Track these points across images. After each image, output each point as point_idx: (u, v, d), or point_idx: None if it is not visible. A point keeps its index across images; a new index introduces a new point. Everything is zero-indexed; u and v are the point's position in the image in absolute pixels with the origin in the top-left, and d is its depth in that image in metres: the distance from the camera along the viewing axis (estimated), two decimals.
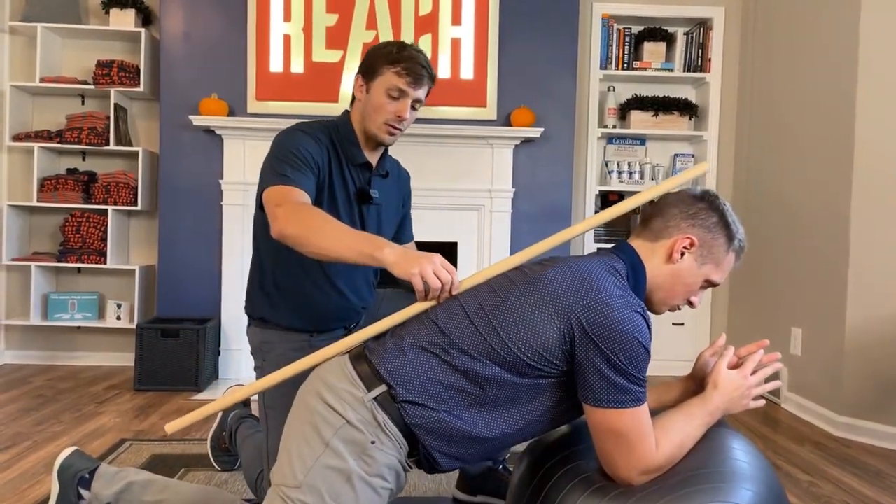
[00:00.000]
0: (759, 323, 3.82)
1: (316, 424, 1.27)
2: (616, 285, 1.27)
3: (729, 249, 1.39)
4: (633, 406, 1.21)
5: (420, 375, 1.27)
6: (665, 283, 1.38)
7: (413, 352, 1.30)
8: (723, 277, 1.41)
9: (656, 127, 4.15)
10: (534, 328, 1.25)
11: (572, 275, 1.28)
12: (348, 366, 1.32)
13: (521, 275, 1.35)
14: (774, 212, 3.69)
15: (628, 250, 1.39)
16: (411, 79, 1.72)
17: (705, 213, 1.37)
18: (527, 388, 1.28)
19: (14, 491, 2.18)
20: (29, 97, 4.04)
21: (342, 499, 1.24)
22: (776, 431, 3.08)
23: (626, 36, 4.17)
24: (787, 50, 3.64)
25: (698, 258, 1.37)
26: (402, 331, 1.36)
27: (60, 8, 3.90)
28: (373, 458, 1.25)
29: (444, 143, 3.84)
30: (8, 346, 4.04)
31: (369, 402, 1.26)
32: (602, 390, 1.21)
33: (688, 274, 1.37)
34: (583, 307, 1.22)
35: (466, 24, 3.87)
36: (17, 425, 2.86)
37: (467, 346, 1.27)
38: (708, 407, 1.32)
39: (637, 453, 1.22)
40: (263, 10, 3.77)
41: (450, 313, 1.33)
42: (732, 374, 1.35)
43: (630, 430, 1.21)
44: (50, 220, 4.06)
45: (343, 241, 1.37)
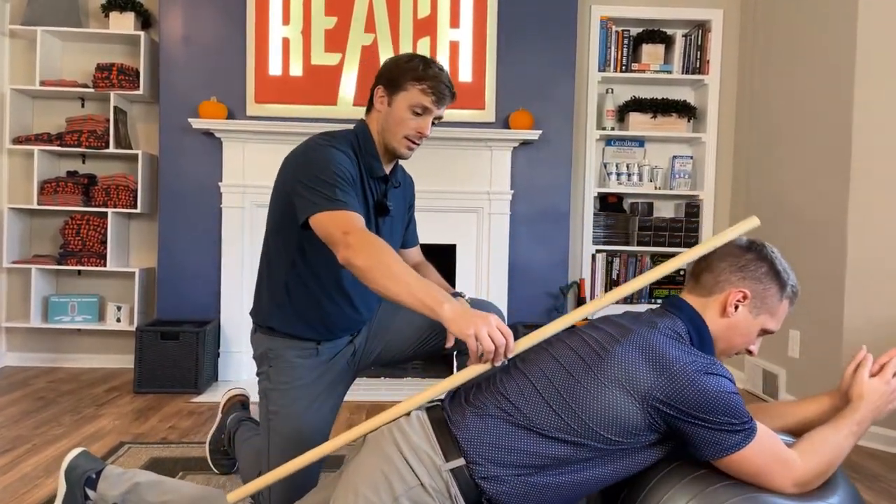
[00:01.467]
0: None
1: (389, 476, 1.26)
2: (684, 351, 1.27)
3: (782, 297, 1.40)
4: (750, 441, 1.22)
5: (500, 449, 1.27)
6: (722, 336, 1.39)
7: (492, 423, 1.29)
8: (778, 325, 1.42)
9: (655, 129, 4.16)
10: (615, 411, 1.24)
11: (640, 350, 1.27)
12: (429, 427, 1.31)
13: (587, 348, 1.33)
14: (772, 214, 3.69)
15: (685, 308, 1.39)
16: (436, 97, 1.73)
17: (755, 265, 1.38)
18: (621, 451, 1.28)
19: (13, 495, 2.19)
20: (29, 100, 4.05)
21: None
22: None
23: (624, 38, 4.18)
24: (786, 52, 3.65)
25: (752, 310, 1.38)
26: (481, 400, 1.34)
27: (60, 11, 3.91)
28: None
29: (442, 146, 3.85)
30: (9, 348, 4.05)
31: (445, 473, 1.26)
32: (718, 445, 1.23)
33: (744, 326, 1.38)
34: (661, 387, 1.23)
35: (465, 27, 3.88)
36: (17, 428, 2.87)
37: (546, 427, 1.27)
38: (855, 417, 1.33)
39: (779, 474, 1.24)
40: (262, 13, 3.78)
41: (521, 391, 1.32)
42: (875, 382, 1.36)
43: (759, 462, 1.23)
44: (50, 222, 4.08)
45: (408, 288, 1.39)
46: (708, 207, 4.19)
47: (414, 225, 2.12)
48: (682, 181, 4.22)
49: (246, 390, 2.54)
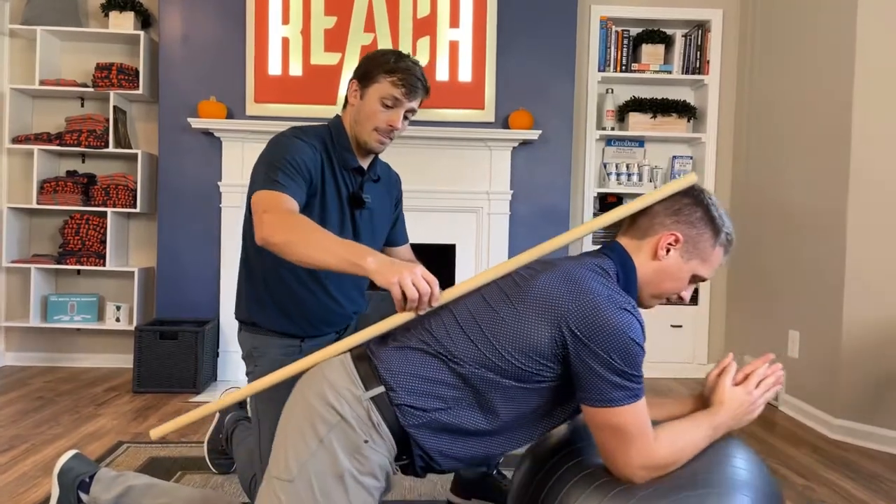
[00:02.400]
0: (757, 325, 3.82)
1: (312, 420, 1.28)
2: (604, 285, 1.28)
3: (716, 244, 1.39)
4: (631, 402, 1.22)
5: (417, 378, 1.29)
6: (653, 280, 1.38)
7: (411, 355, 1.31)
8: (711, 272, 1.41)
9: (655, 129, 4.16)
10: (526, 335, 1.26)
11: (560, 279, 1.29)
12: (350, 364, 1.33)
13: (512, 283, 1.36)
14: (772, 214, 3.69)
15: (617, 248, 1.40)
16: (406, 89, 1.73)
17: (689, 209, 1.37)
18: (524, 391, 1.29)
19: (11, 494, 2.19)
20: (29, 99, 4.05)
21: (332, 497, 1.26)
22: (773, 434, 3.08)
23: (624, 38, 4.17)
24: (785, 52, 3.64)
25: (684, 254, 1.37)
26: (405, 335, 1.37)
27: (60, 11, 3.91)
28: (365, 458, 1.27)
29: (442, 146, 3.85)
30: (8, 347, 4.05)
31: (366, 402, 1.28)
32: (600, 390, 1.22)
33: (674, 270, 1.37)
34: (572, 311, 1.24)
35: (465, 27, 3.88)
36: (15, 427, 2.87)
37: (461, 354, 1.29)
38: (713, 421, 1.34)
39: (637, 447, 1.23)
40: (262, 13, 3.78)
41: (442, 323, 1.34)
42: (737, 391, 1.37)
43: (629, 426, 1.22)
44: (49, 222, 4.07)
45: (328, 249, 1.38)
46: None
47: (402, 223, 2.12)
48: None
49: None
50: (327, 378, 1.32)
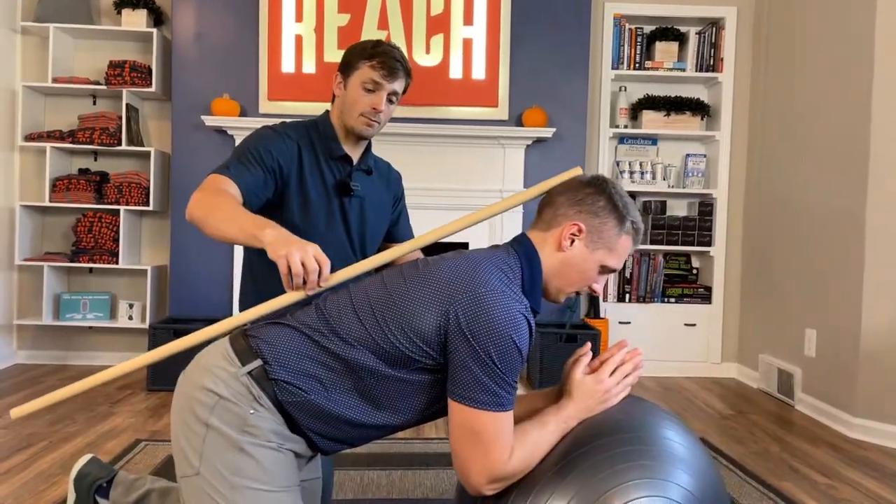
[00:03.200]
0: (772, 324, 3.80)
1: (193, 409, 1.27)
2: (502, 282, 1.24)
3: (621, 232, 1.34)
4: (495, 410, 1.18)
5: (295, 355, 1.27)
6: (559, 272, 1.34)
7: (291, 332, 1.29)
8: (619, 262, 1.36)
9: (668, 127, 4.14)
10: (412, 318, 1.23)
11: (460, 268, 1.26)
12: (225, 344, 1.32)
13: (413, 266, 1.35)
14: (787, 212, 3.67)
15: (524, 242, 1.36)
16: (385, 72, 1.75)
17: (592, 198, 1.34)
18: (402, 381, 1.27)
19: (32, 492, 2.19)
20: (41, 97, 4.04)
21: (242, 470, 1.24)
22: (790, 433, 3.07)
23: (637, 36, 4.16)
24: (801, 49, 3.63)
25: (589, 244, 1.33)
26: (288, 314, 1.35)
27: (72, 8, 3.91)
28: (256, 427, 1.24)
29: (455, 144, 3.84)
30: (20, 345, 4.05)
31: (243, 377, 1.25)
32: (467, 387, 1.18)
33: (580, 261, 1.33)
34: (462, 302, 1.21)
35: (478, 25, 3.86)
36: (31, 426, 2.86)
37: (346, 334, 1.27)
38: (561, 414, 1.30)
39: (490, 459, 1.19)
40: (275, 11, 3.77)
41: (336, 303, 1.33)
42: (586, 381, 1.33)
43: (486, 434, 1.18)
44: (62, 220, 4.07)
45: (233, 221, 1.40)
46: (721, 206, 4.18)
47: (406, 220, 2.10)
48: (695, 179, 4.20)
49: None
50: (200, 364, 1.30)
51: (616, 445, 1.22)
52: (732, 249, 4.21)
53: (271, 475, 1.25)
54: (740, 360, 4.18)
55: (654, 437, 1.24)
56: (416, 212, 3.63)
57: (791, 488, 2.41)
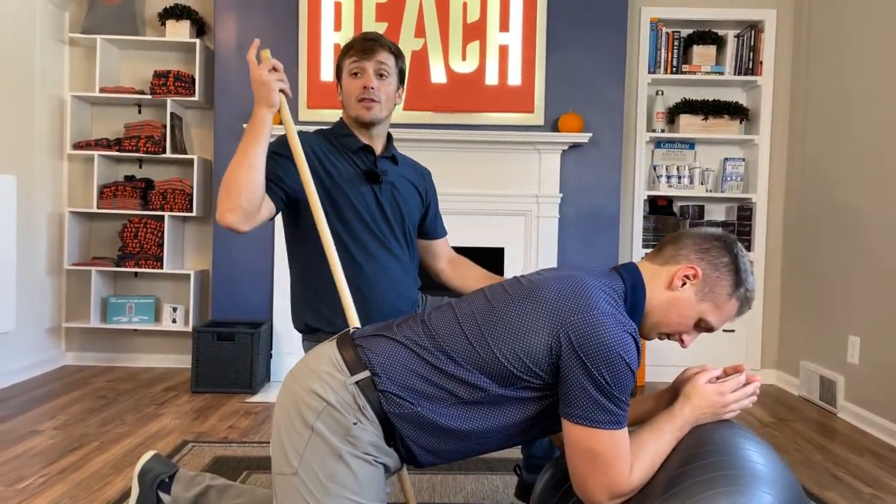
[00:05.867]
0: (814, 330, 3.75)
1: (300, 410, 1.31)
2: (609, 304, 1.27)
3: (733, 295, 1.36)
4: (611, 428, 1.21)
5: (403, 369, 1.30)
6: (660, 309, 1.36)
7: (400, 348, 1.33)
8: (719, 322, 1.38)
9: (706, 131, 4.11)
10: (522, 338, 1.26)
11: (569, 288, 1.29)
12: (334, 350, 1.36)
13: (517, 284, 1.37)
14: (830, 216, 3.62)
15: (632, 270, 1.39)
16: (362, 53, 1.84)
17: (717, 252, 1.36)
18: (509, 398, 1.29)
19: (86, 491, 2.26)
20: (88, 107, 4.17)
21: (338, 477, 1.28)
22: (833, 441, 3.03)
23: (674, 39, 4.13)
24: (843, 50, 3.57)
25: (698, 292, 1.35)
26: (395, 327, 1.39)
27: (118, 20, 4.02)
28: (357, 438, 1.29)
29: (491, 149, 3.86)
30: (68, 347, 4.18)
31: (351, 386, 1.30)
32: (583, 407, 1.21)
33: (685, 305, 1.35)
34: (572, 322, 1.23)
35: (514, 31, 3.88)
36: (83, 426, 2.96)
37: (454, 352, 1.30)
38: (677, 421, 1.32)
39: (610, 476, 1.22)
40: (314, 20, 3.84)
41: (442, 318, 1.36)
42: (709, 389, 1.34)
43: (606, 452, 1.21)
44: (109, 225, 4.19)
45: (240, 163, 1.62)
46: (761, 210, 4.13)
47: (437, 216, 2.13)
48: (733, 184, 4.16)
49: None
50: (311, 367, 1.35)
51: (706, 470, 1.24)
52: (772, 254, 4.15)
53: (364, 487, 1.30)
54: (780, 366, 4.12)
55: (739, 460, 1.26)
56: (453, 217, 3.67)
57: (835, 498, 2.38)
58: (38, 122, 3.88)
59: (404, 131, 3.70)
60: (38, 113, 3.87)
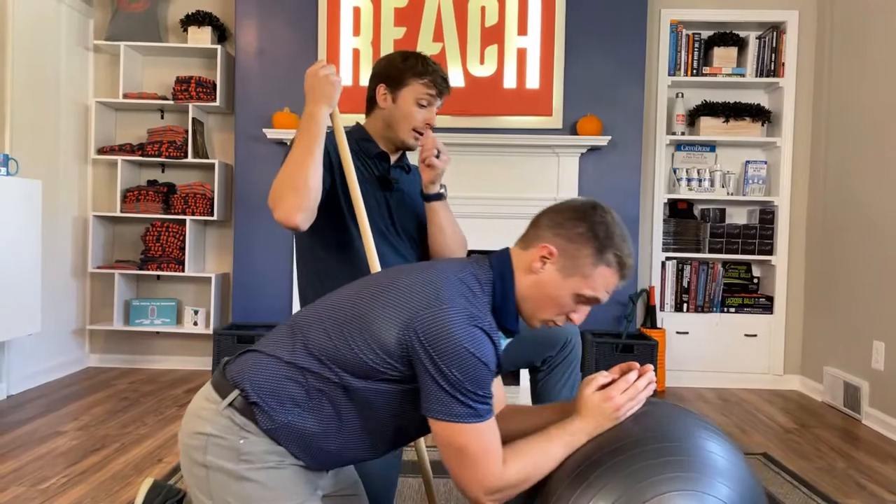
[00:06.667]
0: (838, 335, 3.69)
1: (190, 455, 1.30)
2: (465, 297, 1.23)
3: (599, 262, 1.28)
4: (472, 422, 1.18)
5: (269, 377, 1.28)
6: (530, 295, 1.30)
7: (262, 357, 1.30)
8: (600, 292, 1.30)
9: (727, 133, 4.07)
10: (375, 331, 1.23)
11: (420, 281, 1.26)
12: (208, 384, 1.35)
13: (381, 276, 1.35)
14: (854, 220, 3.56)
15: (503, 257, 1.33)
16: (437, 90, 1.84)
17: (571, 223, 1.29)
18: (373, 392, 1.26)
19: (107, 492, 2.30)
20: (112, 112, 4.24)
21: (250, 497, 1.26)
22: (857, 448, 2.98)
23: (695, 41, 4.10)
24: (868, 52, 3.52)
25: (561, 269, 1.28)
26: (260, 339, 1.38)
27: (142, 27, 4.08)
28: (250, 454, 1.27)
29: (509, 153, 3.86)
30: (92, 349, 4.24)
31: (225, 410, 1.27)
32: (439, 402, 1.18)
33: (552, 286, 1.29)
34: (421, 316, 1.20)
35: (532, 34, 3.88)
36: (105, 427, 3.00)
37: (315, 349, 1.27)
38: (568, 428, 1.28)
39: (481, 471, 1.19)
40: (333, 26, 3.87)
41: (306, 317, 1.34)
42: (596, 397, 1.29)
43: (469, 446, 1.19)
44: (132, 229, 4.25)
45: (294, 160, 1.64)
46: (783, 213, 4.08)
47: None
48: (755, 187, 4.12)
49: None
50: (189, 412, 1.34)
51: (658, 454, 1.21)
52: (795, 258, 4.10)
53: (278, 492, 1.28)
54: (804, 372, 4.07)
55: (696, 449, 1.23)
56: (471, 220, 3.69)
57: None
58: (64, 127, 3.95)
59: None
60: (64, 118, 3.94)
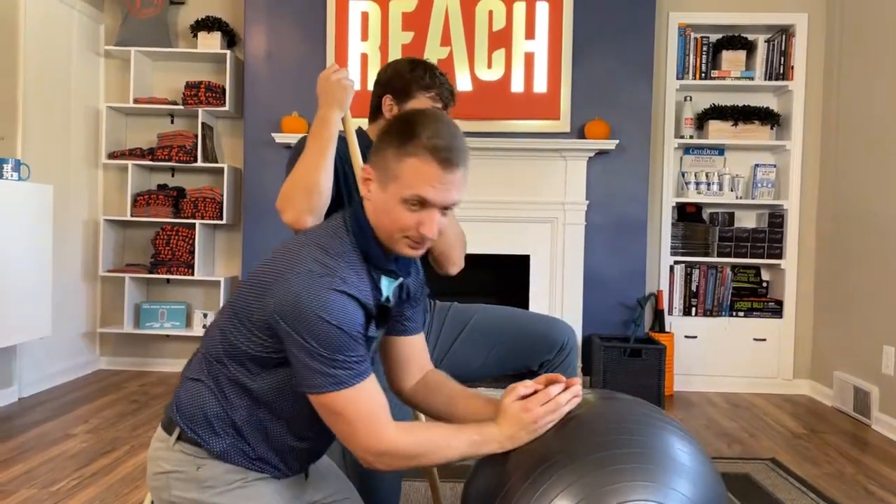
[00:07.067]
0: (847, 340, 3.67)
1: (158, 496, 1.30)
2: (317, 261, 1.20)
3: (402, 157, 1.20)
4: (339, 389, 1.16)
5: (194, 401, 1.28)
6: (374, 222, 1.27)
7: (188, 383, 1.30)
8: (418, 188, 1.20)
9: (736, 137, 4.06)
10: (247, 319, 1.22)
11: (281, 256, 1.23)
12: (158, 427, 1.35)
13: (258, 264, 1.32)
14: (864, 223, 3.54)
15: (357, 201, 1.32)
16: (443, 104, 1.85)
17: (379, 140, 1.26)
18: (275, 380, 1.25)
19: (116, 495, 2.32)
20: (123, 117, 4.27)
21: None
22: (866, 454, 2.96)
23: (703, 45, 4.09)
24: (877, 55, 3.50)
25: (380, 183, 1.24)
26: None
27: (152, 33, 4.12)
28: (211, 478, 1.26)
29: (517, 157, 3.86)
30: (103, 352, 4.27)
31: (175, 445, 1.27)
32: (304, 376, 1.17)
33: (381, 204, 1.24)
34: (274, 293, 1.18)
35: (540, 38, 3.88)
36: (115, 430, 3.02)
37: (213, 357, 1.27)
38: (482, 430, 1.26)
39: (362, 434, 1.18)
40: (342, 31, 3.89)
41: (208, 332, 1.33)
42: (514, 406, 1.26)
43: (347, 412, 1.17)
44: (142, 233, 4.28)
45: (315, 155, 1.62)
46: (793, 217, 4.06)
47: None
48: (764, 190, 4.10)
49: None
50: (148, 457, 1.34)
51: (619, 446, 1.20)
52: (805, 262, 4.08)
53: None
54: (813, 376, 4.04)
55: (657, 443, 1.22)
56: (479, 224, 3.71)
57: None
58: (75, 132, 3.98)
59: None
60: (75, 124, 3.98)
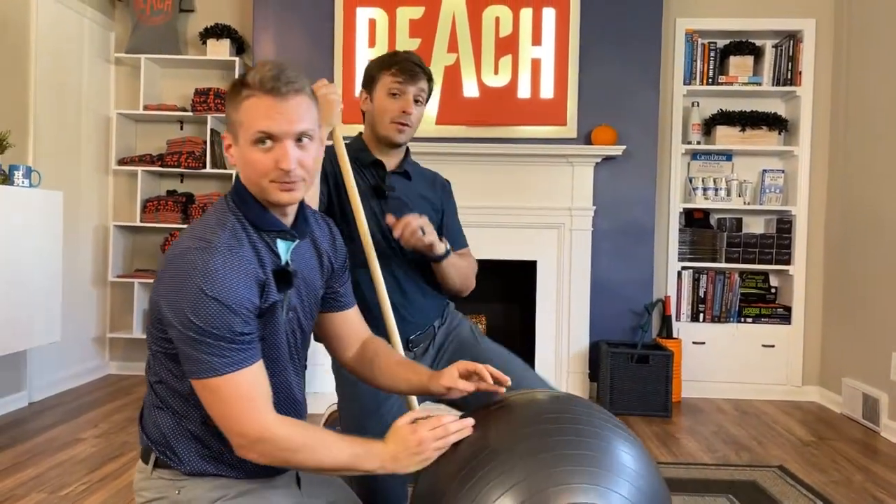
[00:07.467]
0: (857, 346, 3.65)
1: None
2: (195, 237, 1.17)
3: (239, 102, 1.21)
4: (211, 376, 1.13)
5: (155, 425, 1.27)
6: (247, 181, 1.25)
7: (148, 409, 1.30)
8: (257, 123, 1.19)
9: (743, 142, 4.05)
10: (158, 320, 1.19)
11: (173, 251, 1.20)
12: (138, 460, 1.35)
13: None
14: (872, 229, 3.53)
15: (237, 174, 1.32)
16: (407, 76, 1.82)
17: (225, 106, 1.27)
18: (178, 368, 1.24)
19: (126, 499, 2.33)
20: (133, 124, 4.31)
21: None
22: (875, 461, 2.94)
23: (710, 50, 4.09)
24: (883, 60, 3.49)
25: (234, 140, 1.24)
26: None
27: (162, 40, 4.16)
28: (193, 499, 1.25)
29: (524, 163, 3.86)
30: (112, 357, 4.30)
31: (154, 473, 1.27)
32: (189, 361, 1.14)
33: (241, 160, 1.24)
34: (160, 277, 1.17)
35: (547, 44, 3.89)
36: (124, 434, 3.04)
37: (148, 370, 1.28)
38: (366, 444, 1.22)
39: (239, 416, 1.14)
40: (349, 37, 3.91)
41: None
42: (402, 429, 1.23)
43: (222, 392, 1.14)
44: (151, 238, 4.31)
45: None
46: (801, 223, 4.04)
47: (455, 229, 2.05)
48: (772, 196, 4.09)
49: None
50: (134, 489, 1.34)
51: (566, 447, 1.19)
52: (813, 268, 4.06)
53: None
54: (822, 383, 4.02)
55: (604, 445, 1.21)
56: (486, 230, 3.72)
57: None
58: (85, 138, 4.02)
59: (437, 145, 3.74)
60: (85, 130, 4.02)
